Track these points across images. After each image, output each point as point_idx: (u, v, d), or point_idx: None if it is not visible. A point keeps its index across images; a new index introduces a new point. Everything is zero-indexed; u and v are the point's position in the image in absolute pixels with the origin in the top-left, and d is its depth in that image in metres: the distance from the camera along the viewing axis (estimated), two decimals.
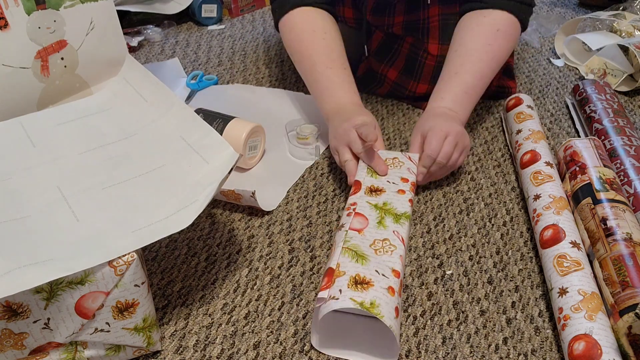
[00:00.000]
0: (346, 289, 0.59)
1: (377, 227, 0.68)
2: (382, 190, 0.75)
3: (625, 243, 0.65)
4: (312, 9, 0.94)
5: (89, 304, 0.54)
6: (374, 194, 0.74)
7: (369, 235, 0.67)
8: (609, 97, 0.99)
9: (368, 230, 0.67)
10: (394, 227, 0.68)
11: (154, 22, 1.38)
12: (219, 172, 0.65)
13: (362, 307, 0.57)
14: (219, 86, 1.13)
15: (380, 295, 0.59)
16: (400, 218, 0.70)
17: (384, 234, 0.67)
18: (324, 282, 0.61)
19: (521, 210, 0.83)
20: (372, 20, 1.02)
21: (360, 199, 0.73)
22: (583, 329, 0.58)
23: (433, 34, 0.97)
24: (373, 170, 0.78)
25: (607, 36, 1.20)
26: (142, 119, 0.75)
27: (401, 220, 0.70)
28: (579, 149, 0.82)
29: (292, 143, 0.93)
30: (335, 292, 0.59)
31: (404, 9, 0.98)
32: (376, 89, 1.08)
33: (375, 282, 0.60)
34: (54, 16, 0.79)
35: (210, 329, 0.65)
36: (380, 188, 0.75)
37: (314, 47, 0.92)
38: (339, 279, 0.60)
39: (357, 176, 0.78)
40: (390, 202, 0.72)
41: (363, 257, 0.63)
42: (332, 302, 0.58)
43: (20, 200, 0.63)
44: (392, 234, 0.67)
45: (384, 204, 0.72)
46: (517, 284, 0.71)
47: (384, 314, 0.57)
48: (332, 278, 0.60)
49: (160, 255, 0.75)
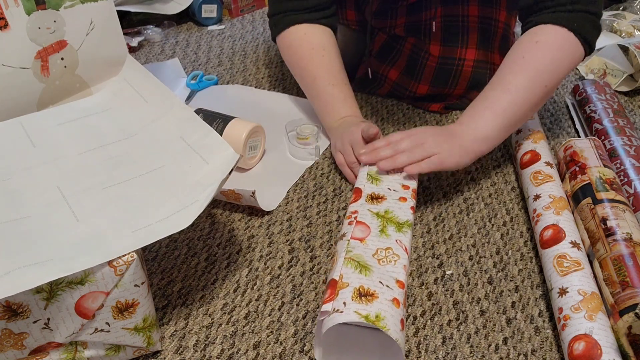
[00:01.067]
0: (350, 302, 0.58)
1: (379, 235, 0.67)
2: (383, 197, 0.73)
3: (625, 243, 0.65)
4: (309, 26, 0.94)
5: (89, 304, 0.54)
6: (375, 201, 0.72)
7: (371, 245, 0.65)
8: (609, 97, 0.99)
9: (370, 239, 0.66)
10: (397, 236, 0.67)
11: (154, 22, 1.38)
12: (219, 172, 0.65)
13: (367, 321, 0.56)
14: (219, 86, 1.13)
15: (385, 307, 0.58)
16: (402, 227, 0.69)
17: (386, 242, 0.66)
18: (327, 295, 0.60)
19: (521, 210, 0.83)
20: (375, 23, 1.02)
21: (361, 207, 0.71)
22: (583, 329, 0.58)
23: (435, 35, 0.97)
24: (373, 177, 0.77)
25: (607, 36, 1.20)
26: (142, 119, 0.75)
27: (403, 228, 0.68)
28: (579, 149, 0.82)
29: (292, 143, 0.93)
30: (339, 305, 0.58)
31: (407, 12, 0.98)
32: (376, 89, 1.08)
33: (380, 294, 0.59)
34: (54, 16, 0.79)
35: (210, 329, 0.65)
36: (381, 195, 0.73)
37: (314, 64, 0.93)
38: (342, 291, 0.59)
39: (358, 183, 0.76)
40: (392, 210, 0.71)
41: (366, 267, 0.62)
42: (336, 315, 0.57)
43: (20, 200, 0.63)
44: (394, 243, 0.66)
45: (385, 212, 0.71)
46: (517, 284, 0.71)
47: (389, 327, 0.56)
48: (335, 290, 0.59)
49: (160, 255, 0.75)
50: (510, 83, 0.78)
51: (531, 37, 0.79)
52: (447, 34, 0.97)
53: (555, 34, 0.78)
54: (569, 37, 0.78)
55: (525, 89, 0.78)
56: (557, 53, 0.78)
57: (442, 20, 0.96)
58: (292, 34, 0.94)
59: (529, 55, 0.78)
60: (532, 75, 0.78)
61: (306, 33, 0.93)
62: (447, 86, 1.00)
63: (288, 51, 0.95)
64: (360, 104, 1.07)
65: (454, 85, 1.00)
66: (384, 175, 0.77)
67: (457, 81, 0.99)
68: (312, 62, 0.92)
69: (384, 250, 0.65)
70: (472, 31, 0.96)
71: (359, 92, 1.10)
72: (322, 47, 0.93)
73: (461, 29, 0.97)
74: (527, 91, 0.78)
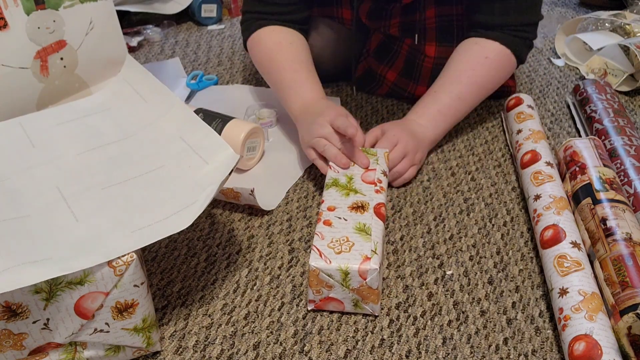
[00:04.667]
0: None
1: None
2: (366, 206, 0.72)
3: (625, 243, 0.65)
4: (278, 27, 0.95)
5: (88, 304, 0.54)
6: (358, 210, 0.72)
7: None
8: (610, 97, 0.99)
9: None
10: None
11: (153, 22, 1.38)
12: (219, 172, 0.65)
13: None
14: (219, 86, 1.13)
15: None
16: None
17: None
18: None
19: (521, 211, 0.83)
20: (369, 23, 1.02)
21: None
22: (583, 329, 0.58)
23: (430, 35, 0.97)
24: (347, 188, 0.75)
25: (608, 36, 1.20)
26: (141, 119, 0.75)
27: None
28: (579, 149, 0.82)
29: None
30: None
31: (401, 12, 0.98)
32: (375, 89, 1.08)
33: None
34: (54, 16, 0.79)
35: (210, 330, 0.65)
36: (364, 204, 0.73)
37: (281, 55, 0.92)
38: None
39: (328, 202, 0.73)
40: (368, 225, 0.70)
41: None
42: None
43: (19, 200, 0.63)
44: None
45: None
46: (518, 284, 0.71)
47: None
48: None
49: (160, 255, 0.75)
50: (461, 92, 0.90)
51: (481, 51, 0.91)
52: (441, 33, 0.97)
53: (501, 53, 0.91)
54: (510, 57, 0.92)
55: (472, 99, 0.92)
56: (500, 72, 0.93)
57: (436, 20, 0.97)
58: (261, 33, 0.95)
59: (479, 69, 0.90)
60: (479, 88, 0.92)
61: (275, 31, 0.95)
62: None
63: (257, 48, 0.95)
64: (360, 104, 1.07)
65: None
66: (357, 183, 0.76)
67: None
68: (280, 54, 0.92)
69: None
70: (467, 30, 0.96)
71: (359, 91, 1.10)
72: (290, 42, 0.94)
73: (455, 28, 0.97)
74: (472, 101, 0.92)
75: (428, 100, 0.91)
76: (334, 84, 1.13)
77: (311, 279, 0.64)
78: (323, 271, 0.63)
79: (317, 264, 0.63)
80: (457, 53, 0.93)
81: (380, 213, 0.70)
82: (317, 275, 0.63)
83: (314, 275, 0.64)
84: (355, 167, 0.78)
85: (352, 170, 0.77)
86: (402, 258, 0.75)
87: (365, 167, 0.78)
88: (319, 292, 0.65)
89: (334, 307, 0.66)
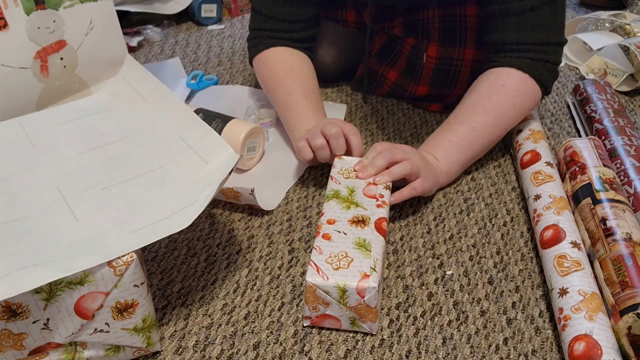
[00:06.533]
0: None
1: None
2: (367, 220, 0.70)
3: (625, 243, 0.65)
4: (287, 49, 0.95)
5: (88, 304, 0.54)
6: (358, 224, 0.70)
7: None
8: (610, 97, 0.99)
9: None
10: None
11: (153, 22, 1.38)
12: (219, 172, 0.65)
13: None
14: (219, 86, 1.13)
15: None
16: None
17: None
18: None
19: (521, 211, 0.83)
20: (374, 26, 1.02)
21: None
22: (583, 329, 0.58)
23: (433, 35, 0.97)
24: (349, 201, 0.73)
25: (608, 36, 1.20)
26: (141, 119, 0.75)
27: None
28: (579, 149, 0.82)
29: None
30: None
31: (404, 12, 0.98)
32: (375, 89, 1.08)
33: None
34: (53, 16, 0.79)
35: (210, 330, 0.65)
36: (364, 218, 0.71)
37: (291, 78, 0.93)
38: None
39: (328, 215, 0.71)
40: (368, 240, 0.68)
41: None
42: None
43: (19, 200, 0.63)
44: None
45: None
46: (518, 284, 0.71)
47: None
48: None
49: (160, 255, 0.75)
50: (476, 122, 0.83)
51: (497, 79, 0.85)
52: (445, 34, 0.97)
53: (520, 79, 0.84)
54: (531, 84, 0.85)
55: (490, 130, 0.84)
56: (519, 99, 0.85)
57: (440, 20, 0.96)
58: (270, 53, 0.95)
59: (495, 98, 0.84)
60: (496, 118, 0.84)
61: (285, 53, 0.95)
62: (446, 87, 1.00)
63: (264, 67, 0.96)
64: (360, 104, 1.07)
65: (453, 85, 1.00)
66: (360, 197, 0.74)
67: (456, 81, 0.99)
68: (289, 76, 0.93)
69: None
70: (470, 31, 0.96)
71: (357, 91, 1.10)
72: (300, 67, 0.94)
73: (459, 29, 0.97)
74: (490, 133, 0.84)
75: (441, 131, 0.86)
76: (334, 84, 1.13)
77: (307, 295, 0.62)
78: (320, 288, 0.61)
79: (314, 280, 0.61)
80: (474, 85, 0.88)
81: (381, 228, 0.68)
82: (314, 291, 0.61)
83: (310, 292, 0.62)
84: (357, 180, 0.76)
85: (354, 182, 0.75)
86: (402, 258, 0.75)
87: (365, 178, 0.76)
88: (315, 308, 0.63)
89: (330, 325, 0.65)
